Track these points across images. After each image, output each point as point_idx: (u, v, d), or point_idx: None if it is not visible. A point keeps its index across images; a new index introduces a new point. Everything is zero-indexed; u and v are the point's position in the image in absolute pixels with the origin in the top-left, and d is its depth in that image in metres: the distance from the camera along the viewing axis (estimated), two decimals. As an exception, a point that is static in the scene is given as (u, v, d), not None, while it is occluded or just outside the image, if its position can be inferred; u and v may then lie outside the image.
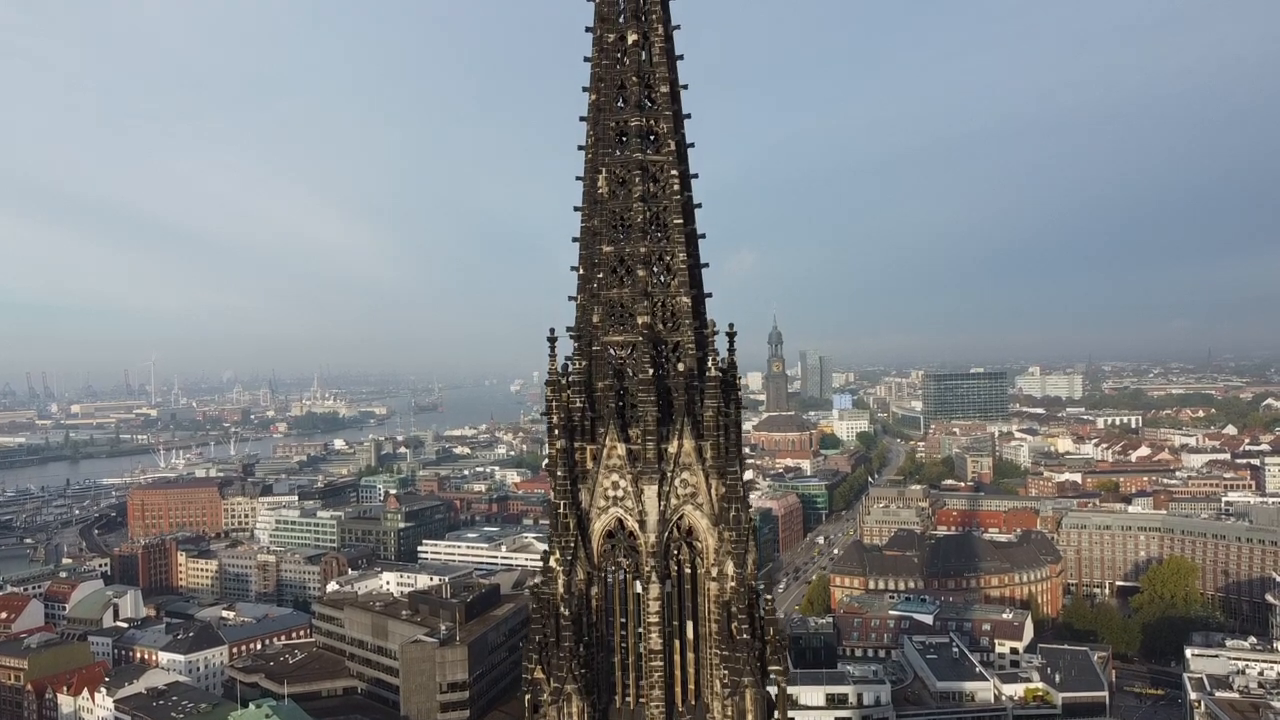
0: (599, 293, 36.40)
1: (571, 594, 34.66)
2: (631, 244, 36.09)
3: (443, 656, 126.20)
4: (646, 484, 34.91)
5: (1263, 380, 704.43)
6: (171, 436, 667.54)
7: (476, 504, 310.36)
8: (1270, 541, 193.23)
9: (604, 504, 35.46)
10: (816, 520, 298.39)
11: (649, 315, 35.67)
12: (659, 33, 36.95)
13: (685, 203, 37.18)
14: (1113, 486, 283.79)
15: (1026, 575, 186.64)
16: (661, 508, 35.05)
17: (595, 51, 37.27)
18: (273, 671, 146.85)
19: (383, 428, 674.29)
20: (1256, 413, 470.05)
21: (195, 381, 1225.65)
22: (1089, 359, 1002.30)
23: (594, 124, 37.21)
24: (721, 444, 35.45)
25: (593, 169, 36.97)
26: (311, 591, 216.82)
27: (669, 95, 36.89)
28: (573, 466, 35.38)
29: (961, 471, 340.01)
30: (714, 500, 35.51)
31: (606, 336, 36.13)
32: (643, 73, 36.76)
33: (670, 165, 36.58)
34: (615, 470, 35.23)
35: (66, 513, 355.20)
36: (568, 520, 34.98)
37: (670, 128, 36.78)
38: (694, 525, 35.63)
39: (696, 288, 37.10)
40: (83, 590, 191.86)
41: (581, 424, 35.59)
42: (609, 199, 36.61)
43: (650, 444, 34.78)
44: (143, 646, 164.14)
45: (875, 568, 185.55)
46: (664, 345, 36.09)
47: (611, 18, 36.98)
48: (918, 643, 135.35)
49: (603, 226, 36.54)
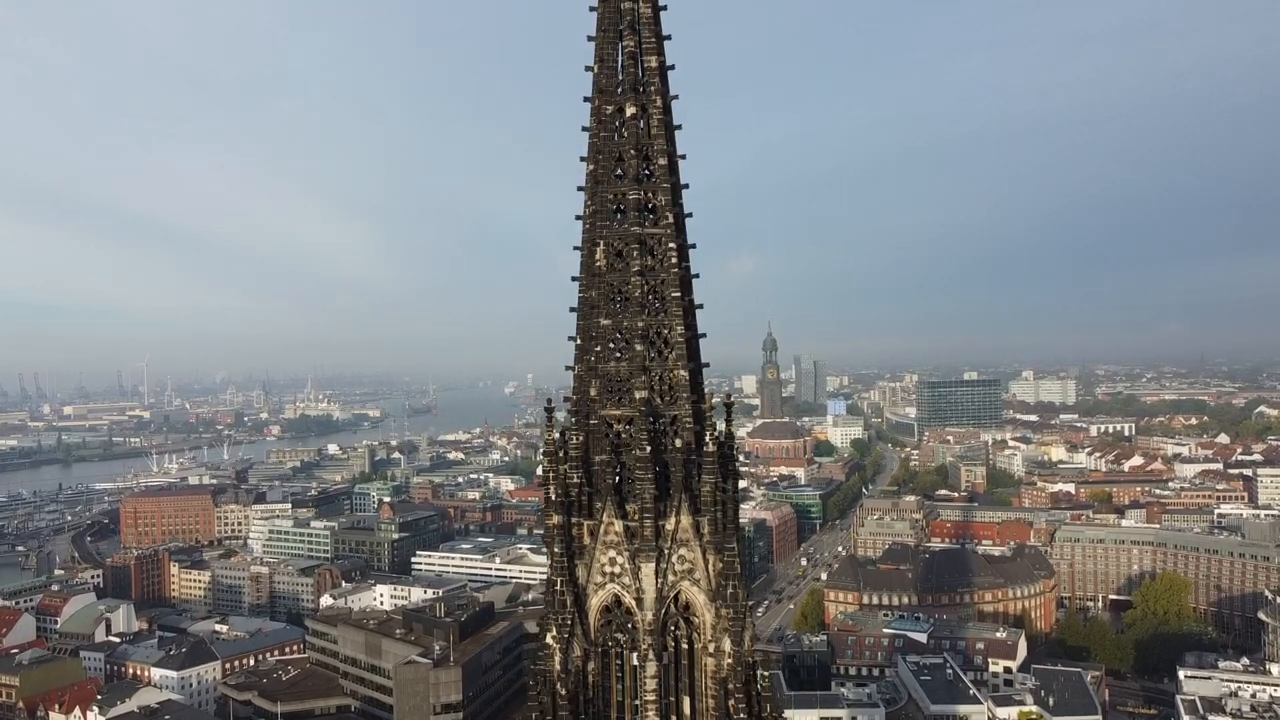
0: (596, 365, 36.30)
1: (568, 671, 34.57)
2: (629, 318, 36.00)
3: (437, 678, 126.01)
4: (644, 561, 34.83)
5: (1255, 385, 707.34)
6: (164, 439, 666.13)
7: (470, 512, 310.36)
8: (1263, 557, 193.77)
9: (601, 580, 35.38)
10: (811, 530, 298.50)
11: (647, 390, 35.59)
12: (657, 105, 36.84)
13: (683, 275, 37.11)
14: (1106, 497, 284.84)
15: (1020, 590, 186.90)
16: (659, 584, 34.96)
17: (593, 122, 37.15)
18: (266, 689, 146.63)
19: (377, 431, 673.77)
20: (1249, 420, 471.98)
21: (188, 382, 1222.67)
22: (1083, 362, 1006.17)
23: (592, 194, 37.10)
24: (719, 519, 35.33)
25: (590, 240, 36.88)
26: (305, 603, 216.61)
27: (667, 167, 36.77)
28: (569, 542, 35.28)
29: (955, 480, 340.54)
30: (711, 576, 35.43)
31: (604, 410, 36.01)
32: (641, 145, 36.65)
33: (668, 238, 36.47)
34: (612, 546, 35.14)
35: (59, 519, 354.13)
36: (564, 597, 34.89)
37: (668, 200, 36.68)
38: (691, 601, 35.54)
39: (694, 360, 36.97)
40: (75, 604, 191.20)
41: (579, 499, 35.54)
42: (607, 271, 36.50)
43: (648, 521, 34.70)
44: (135, 662, 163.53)
45: (869, 583, 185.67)
46: (662, 419, 36.01)
47: (610, 89, 36.86)
48: (912, 663, 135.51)
49: (600, 299, 36.44)
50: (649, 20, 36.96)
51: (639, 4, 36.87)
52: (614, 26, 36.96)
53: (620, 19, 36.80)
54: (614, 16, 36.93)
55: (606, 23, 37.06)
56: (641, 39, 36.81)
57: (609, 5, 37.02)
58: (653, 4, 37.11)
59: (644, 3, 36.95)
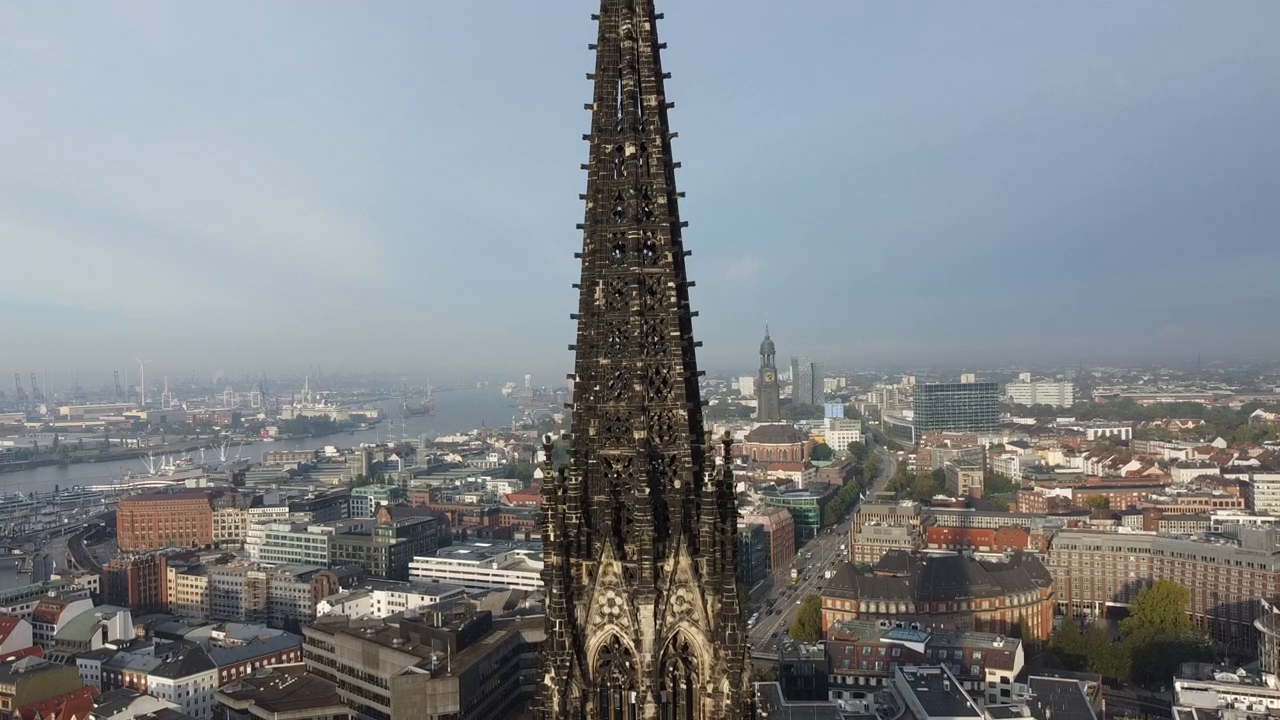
0: (595, 405, 36.30)
1: (567, 712, 34.63)
2: (629, 357, 35.99)
3: (434, 689, 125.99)
4: (643, 603, 34.85)
5: (1251, 388, 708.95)
6: (161, 440, 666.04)
7: (468, 516, 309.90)
8: (1259, 565, 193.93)
9: (599, 620, 35.41)
10: (808, 535, 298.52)
11: (646, 431, 35.59)
12: (656, 143, 36.85)
13: (682, 313, 37.13)
14: (1103, 502, 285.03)
15: (1017, 598, 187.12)
16: (657, 626, 35.00)
17: (593, 160, 37.17)
18: (263, 698, 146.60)
19: (374, 432, 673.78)
20: (1245, 425, 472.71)
21: (185, 382, 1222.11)
22: (1079, 364, 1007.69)
23: (591, 233, 37.11)
24: (718, 560, 35.38)
25: (590, 279, 36.88)
26: (302, 609, 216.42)
27: (666, 206, 36.80)
28: (568, 583, 35.31)
29: (952, 485, 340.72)
30: (710, 617, 35.48)
31: (603, 450, 36.02)
32: (640, 184, 36.66)
33: (667, 277, 36.49)
34: (611, 588, 35.17)
35: (55, 521, 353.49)
36: (563, 638, 34.91)
37: (668, 239, 36.68)
38: (690, 641, 35.57)
39: (693, 399, 36.99)
40: (71, 611, 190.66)
41: (577, 539, 35.56)
42: (606, 310, 36.52)
43: (647, 564, 34.72)
44: (132, 670, 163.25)
45: (867, 590, 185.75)
46: (660, 459, 36.01)
47: (610, 129, 36.88)
48: (909, 673, 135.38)
49: (599, 338, 36.47)
50: (648, 59, 36.97)
51: (638, 43, 36.88)
52: (613, 65, 36.99)
53: (619, 57, 36.84)
54: (613, 55, 36.95)
55: (606, 61, 37.09)
56: (641, 78, 36.84)
57: (608, 44, 37.05)
58: (652, 43, 37.14)
59: (643, 41, 36.97)
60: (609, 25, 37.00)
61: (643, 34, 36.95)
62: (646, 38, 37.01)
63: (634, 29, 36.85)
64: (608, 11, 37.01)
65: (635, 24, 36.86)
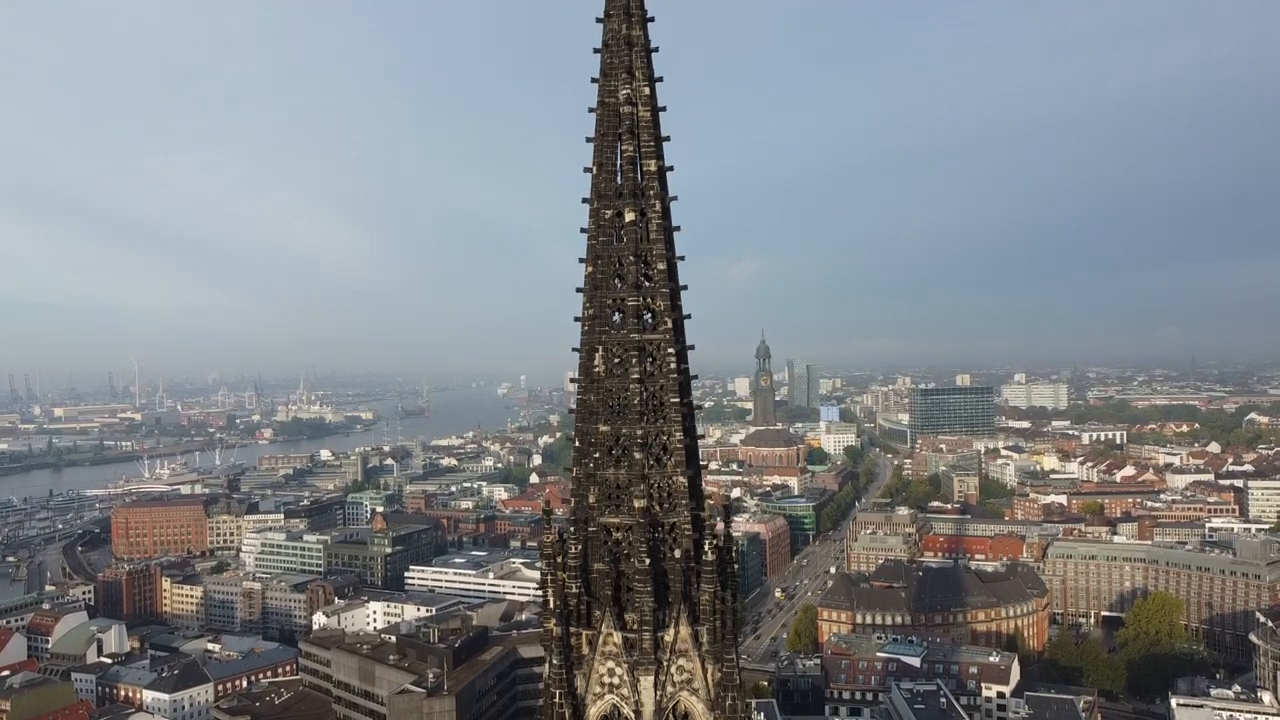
0: (595, 471, 36.19)
1: (567, 783, 34.50)
2: (629, 425, 35.85)
3: (430, 707, 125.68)
4: (643, 674, 34.73)
5: (1246, 389, 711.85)
6: (156, 443, 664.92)
7: (464, 523, 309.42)
8: (1254, 575, 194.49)
9: (599, 690, 35.28)
10: (804, 541, 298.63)
11: (645, 500, 35.49)
12: (656, 209, 36.69)
13: (682, 379, 37.00)
14: (1098, 509, 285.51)
15: (1013, 609, 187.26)
16: (658, 696, 34.88)
17: (592, 225, 37.02)
18: (259, 713, 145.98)
19: (370, 434, 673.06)
20: (1239, 429, 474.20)
21: (180, 382, 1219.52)
22: (1074, 365, 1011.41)
23: (590, 298, 36.97)
24: (718, 629, 35.28)
25: (590, 344, 36.74)
26: (297, 619, 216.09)
27: (666, 272, 36.67)
28: (568, 653, 35.21)
29: (948, 491, 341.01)
30: (710, 686, 35.36)
31: (603, 518, 35.91)
32: (640, 250, 36.53)
33: (667, 343, 36.35)
34: (611, 658, 35.05)
35: (49, 527, 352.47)
36: (563, 709, 34.80)
37: (667, 305, 36.53)
38: (690, 711, 35.45)
39: (693, 466, 36.87)
40: (66, 623, 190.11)
41: (577, 609, 35.45)
42: (606, 377, 36.42)
43: (647, 635, 34.60)
44: (127, 685, 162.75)
45: (863, 601, 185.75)
46: (660, 527, 35.90)
47: (609, 194, 36.74)
48: (905, 690, 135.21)
49: (599, 404, 36.36)
50: (648, 124, 36.83)
51: (637, 108, 36.74)
52: (613, 130, 36.83)
53: (619, 122, 36.71)
54: (612, 119, 36.82)
55: (605, 126, 36.93)
56: (640, 143, 36.70)
57: (607, 108, 36.90)
58: (651, 107, 36.98)
59: (643, 106, 36.81)
60: (608, 90, 36.84)
61: (642, 99, 36.78)
62: (646, 102, 36.83)
63: (633, 94, 36.69)
64: (607, 76, 36.85)
65: (635, 89, 36.70)
